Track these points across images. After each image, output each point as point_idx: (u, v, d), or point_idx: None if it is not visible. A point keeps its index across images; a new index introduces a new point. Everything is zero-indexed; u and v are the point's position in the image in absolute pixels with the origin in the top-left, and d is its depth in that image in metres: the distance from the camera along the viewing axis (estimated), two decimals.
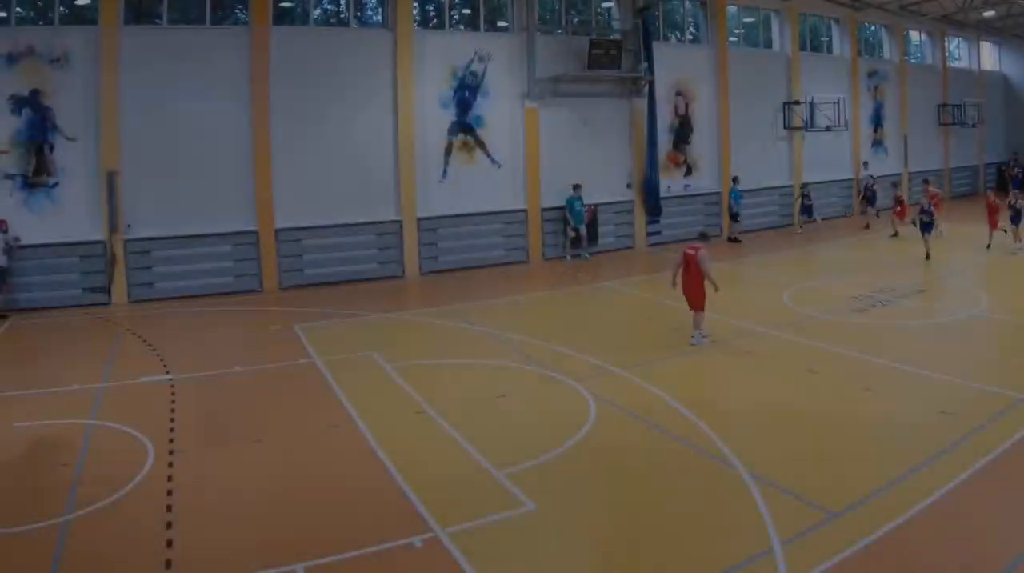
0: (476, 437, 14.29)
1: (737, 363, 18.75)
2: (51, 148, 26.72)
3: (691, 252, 19.95)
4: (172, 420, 15.68)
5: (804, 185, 40.42)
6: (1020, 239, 31.14)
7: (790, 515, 10.99)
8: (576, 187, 33.80)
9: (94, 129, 27.07)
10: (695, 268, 19.76)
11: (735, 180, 37.99)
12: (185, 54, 28.17)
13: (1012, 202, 31.33)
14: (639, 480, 12.69)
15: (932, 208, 30.55)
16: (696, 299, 20.02)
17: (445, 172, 32.45)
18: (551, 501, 11.79)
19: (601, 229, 35.27)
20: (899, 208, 36.77)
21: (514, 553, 10.49)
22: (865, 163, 44.77)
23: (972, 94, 52.25)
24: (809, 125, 41.58)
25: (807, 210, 39.58)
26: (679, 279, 20.26)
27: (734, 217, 38.32)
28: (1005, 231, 31.40)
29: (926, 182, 34.97)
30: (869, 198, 41.11)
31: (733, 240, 38.10)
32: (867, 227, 39.81)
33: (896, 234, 36.23)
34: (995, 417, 14.51)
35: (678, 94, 38.09)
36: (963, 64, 54.55)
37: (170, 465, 13.43)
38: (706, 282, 19.73)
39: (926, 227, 30.67)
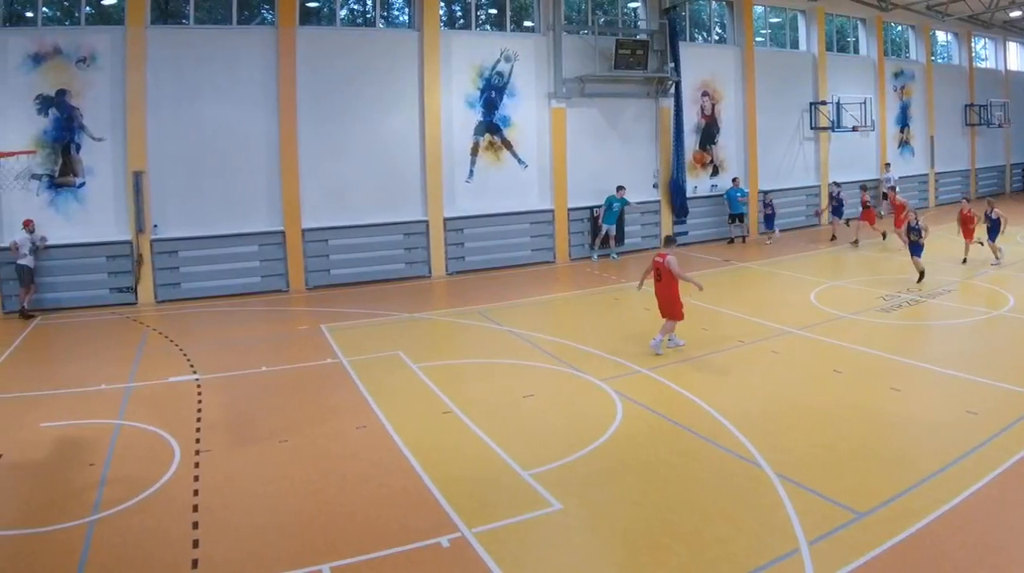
0: (503, 437, 14.15)
1: (764, 363, 18.35)
2: (78, 148, 26.39)
3: (659, 260, 19.06)
4: (198, 420, 15.51)
5: (765, 192, 38.32)
6: (998, 255, 28.62)
7: (817, 515, 10.87)
8: (619, 189, 33.32)
9: (121, 129, 26.72)
10: (666, 276, 18.90)
11: (735, 180, 37.16)
12: (211, 54, 27.85)
13: (988, 211, 28.62)
14: (666, 480, 12.45)
15: (920, 225, 25.86)
16: (668, 308, 19.12)
17: (472, 172, 32.03)
18: (578, 501, 11.66)
19: (627, 229, 34.67)
20: (865, 211, 35.03)
21: (541, 553, 10.44)
22: (887, 165, 43.78)
23: (998, 94, 51.36)
24: (836, 125, 40.99)
25: (769, 220, 37.48)
26: (647, 281, 19.73)
27: (738, 218, 37.15)
28: (982, 243, 28.95)
29: (892, 189, 34.20)
30: (835, 207, 37.26)
31: (731, 241, 37.12)
32: (833, 238, 36.59)
33: (856, 242, 34.64)
34: (1022, 417, 14.27)
35: (704, 94, 37.49)
36: (989, 64, 53.59)
37: (196, 465, 13.27)
38: (680, 289, 19.01)
39: (916, 249, 26.08)
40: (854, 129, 41.32)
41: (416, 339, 21.90)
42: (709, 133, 37.83)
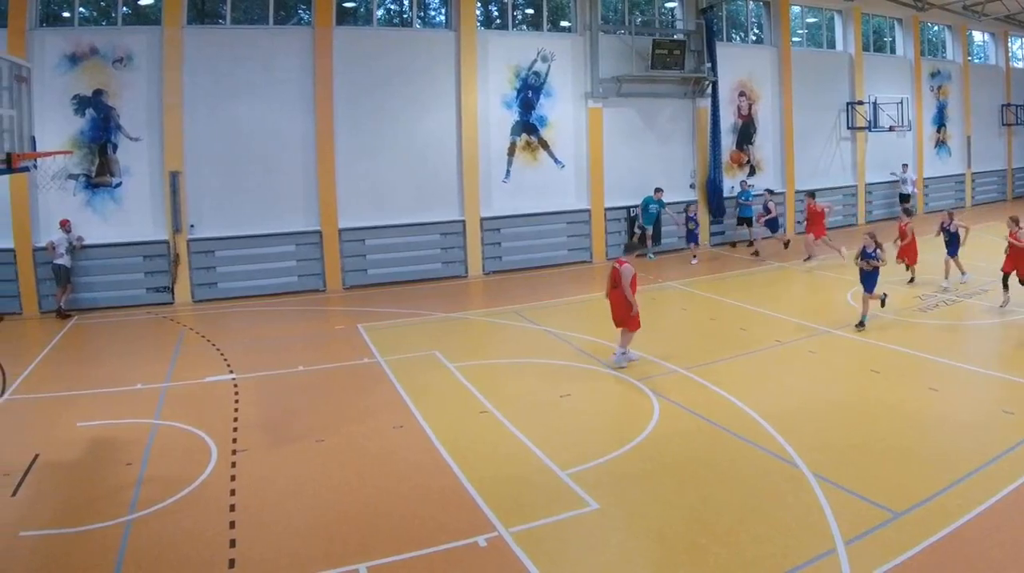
0: (539, 437, 14.00)
1: (801, 363, 18.03)
2: (114, 148, 26.00)
3: (616, 266, 18.04)
4: (235, 420, 15.41)
5: (687, 205, 34.07)
6: (963, 271, 25.10)
7: (853, 514, 10.75)
8: (657, 190, 32.59)
9: (157, 129, 26.33)
10: (620, 284, 17.87)
11: (743, 183, 35.43)
12: (248, 54, 27.41)
13: (945, 224, 24.94)
14: (703, 480, 12.27)
15: (876, 254, 20.70)
16: (622, 316, 18.10)
17: (508, 172, 31.46)
18: (614, 501, 11.57)
19: (664, 229, 33.92)
20: (810, 222, 31.48)
21: (578, 553, 10.34)
22: (905, 166, 41.88)
23: None
24: (872, 125, 40.11)
25: (771, 224, 34.13)
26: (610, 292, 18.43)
27: (746, 222, 34.53)
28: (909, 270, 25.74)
29: (810, 195, 31.90)
30: (770, 222, 33.84)
31: (749, 244, 34.54)
32: (756, 254, 32.90)
33: (809, 257, 31.02)
34: None
35: (741, 94, 36.70)
36: None
37: (233, 465, 13.20)
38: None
39: (868, 280, 21.01)
40: (891, 129, 40.44)
41: (453, 339, 21.56)
42: (746, 133, 37.05)
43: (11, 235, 24.98)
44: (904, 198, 40.59)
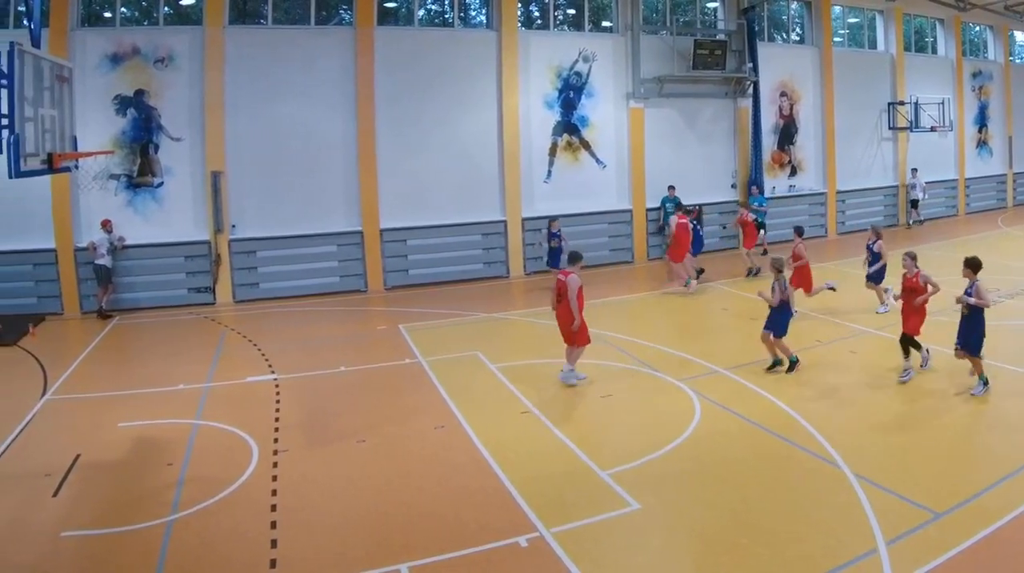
0: (581, 437, 13.88)
1: (841, 363, 17.63)
2: (156, 148, 25.66)
3: (562, 278, 16.65)
4: (277, 420, 15.24)
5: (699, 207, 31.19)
6: (885, 301, 21.91)
7: (895, 515, 10.58)
8: (671, 187, 31.92)
9: (199, 129, 25.98)
10: (565, 297, 16.54)
11: (752, 189, 34.00)
12: (289, 54, 27.01)
13: (869, 242, 22.42)
14: (744, 480, 12.10)
15: (788, 288, 17.30)
16: (567, 332, 16.76)
17: (550, 172, 30.87)
18: (656, 501, 11.42)
19: (705, 229, 33.19)
20: (748, 232, 29.38)
21: (619, 553, 10.12)
22: (914, 170, 39.89)
23: None
24: (914, 126, 39.22)
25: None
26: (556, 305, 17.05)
27: (760, 227, 31.88)
28: (834, 289, 22.05)
29: (743, 206, 30.42)
30: (698, 237, 29.44)
31: (763, 253, 31.44)
32: (669, 279, 27.99)
33: (752, 269, 28.45)
34: None
35: (783, 95, 35.92)
36: None
37: (274, 465, 13.07)
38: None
39: (776, 322, 17.19)
40: (932, 129, 39.55)
41: (494, 339, 21.32)
42: (787, 133, 36.26)
43: (53, 235, 24.72)
44: (914, 204, 39.46)
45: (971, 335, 15.05)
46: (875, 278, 22.14)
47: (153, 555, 10.19)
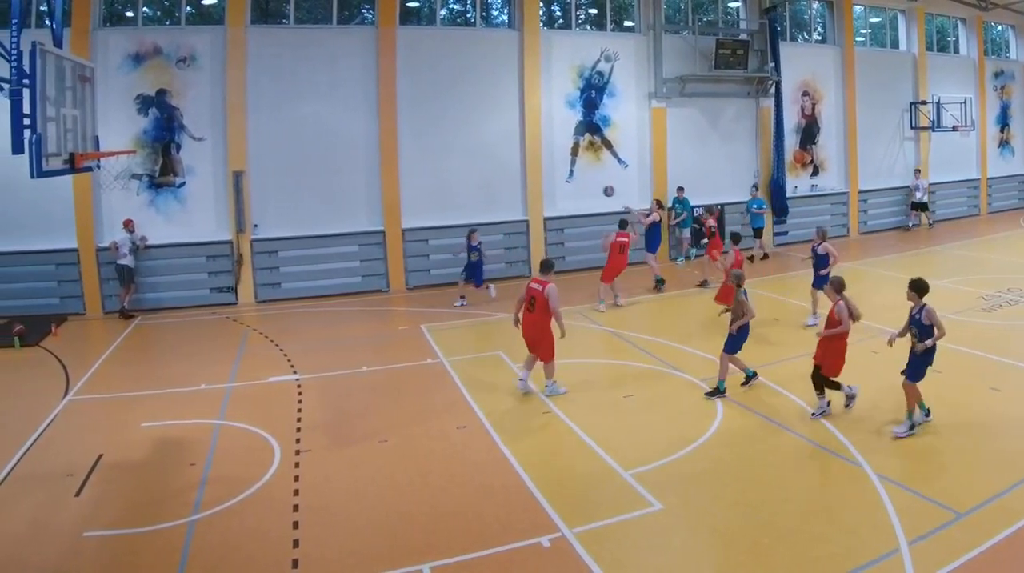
0: (603, 437, 13.78)
1: (863, 363, 17.11)
2: (178, 148, 25.42)
3: (536, 287, 15.85)
4: (299, 420, 15.17)
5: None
6: (815, 311, 20.85)
7: (917, 515, 10.58)
8: (679, 189, 31.35)
9: (221, 129, 25.71)
10: (541, 307, 15.71)
11: (755, 189, 33.03)
12: (311, 54, 26.71)
13: (814, 245, 20.71)
14: (766, 480, 12.11)
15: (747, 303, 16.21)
16: (539, 343, 16.00)
17: (572, 172, 30.50)
18: (678, 501, 11.38)
19: (728, 229, 32.90)
20: (711, 241, 27.80)
21: (641, 553, 10.12)
22: (917, 171, 38.75)
23: None
24: (936, 125, 38.64)
25: (698, 237, 31.00)
26: (521, 317, 16.35)
27: (757, 232, 31.59)
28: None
29: (709, 213, 28.78)
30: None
31: (763, 258, 31.38)
32: (616, 302, 25.09)
33: (705, 282, 27.06)
34: None
35: (805, 94, 35.44)
36: None
37: (296, 465, 13.04)
38: (553, 325, 16.06)
39: (733, 341, 16.10)
40: (954, 129, 38.92)
41: (516, 339, 20.24)
42: (809, 133, 35.76)
43: (75, 235, 24.54)
44: (918, 206, 38.43)
45: (915, 362, 13.64)
46: (818, 284, 20.35)
47: (175, 555, 10.16)
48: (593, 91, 30.84)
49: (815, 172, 36.05)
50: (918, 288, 13.78)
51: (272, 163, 26.30)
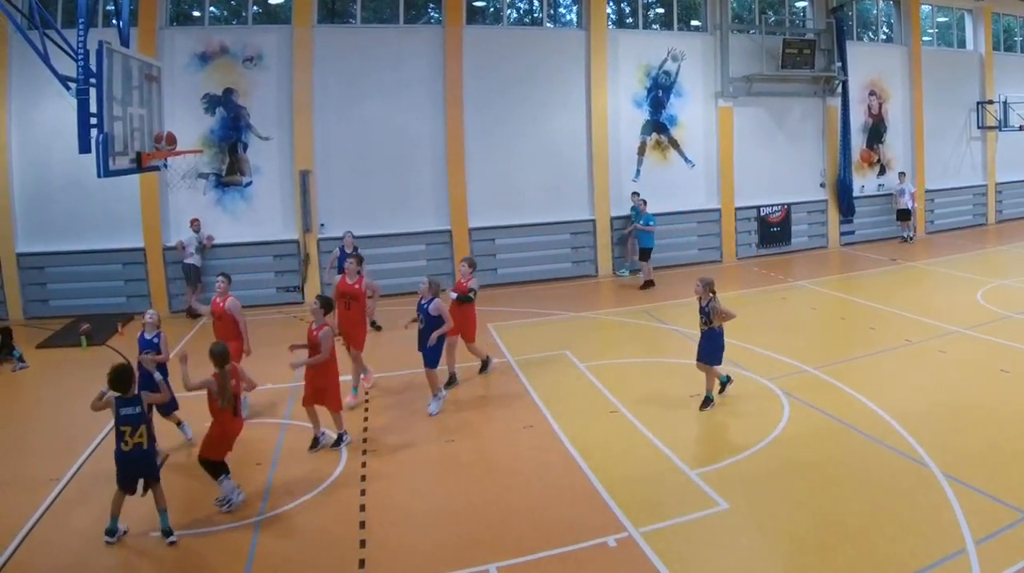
0: (669, 436, 13.36)
1: (931, 362, 16.91)
2: (244, 147, 24.29)
3: (313, 331, 13.44)
4: (365, 420, 14.79)
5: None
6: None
7: (984, 515, 10.13)
8: (634, 195, 27.69)
9: (287, 128, 24.57)
10: (314, 352, 13.44)
11: (641, 199, 27.36)
12: (378, 54, 25.40)
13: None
14: (832, 479, 11.60)
15: (709, 307, 14.59)
16: (317, 389, 13.45)
17: (638, 171, 28.79)
18: (744, 501, 10.99)
19: (794, 228, 31.28)
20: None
21: (707, 553, 9.86)
22: (902, 174, 34.10)
23: None
24: (1003, 125, 36.35)
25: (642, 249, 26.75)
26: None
27: (643, 253, 26.41)
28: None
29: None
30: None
31: (645, 285, 25.95)
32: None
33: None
34: None
35: (871, 93, 33.35)
36: None
37: (363, 465, 12.74)
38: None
39: (707, 351, 14.64)
40: (1021, 128, 36.40)
41: (583, 338, 20.30)
42: (876, 132, 33.67)
43: (141, 234, 23.62)
44: (902, 214, 33.45)
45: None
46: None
47: (241, 556, 9.99)
48: (660, 90, 29.11)
49: (882, 171, 33.89)
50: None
51: (338, 162, 25.10)
